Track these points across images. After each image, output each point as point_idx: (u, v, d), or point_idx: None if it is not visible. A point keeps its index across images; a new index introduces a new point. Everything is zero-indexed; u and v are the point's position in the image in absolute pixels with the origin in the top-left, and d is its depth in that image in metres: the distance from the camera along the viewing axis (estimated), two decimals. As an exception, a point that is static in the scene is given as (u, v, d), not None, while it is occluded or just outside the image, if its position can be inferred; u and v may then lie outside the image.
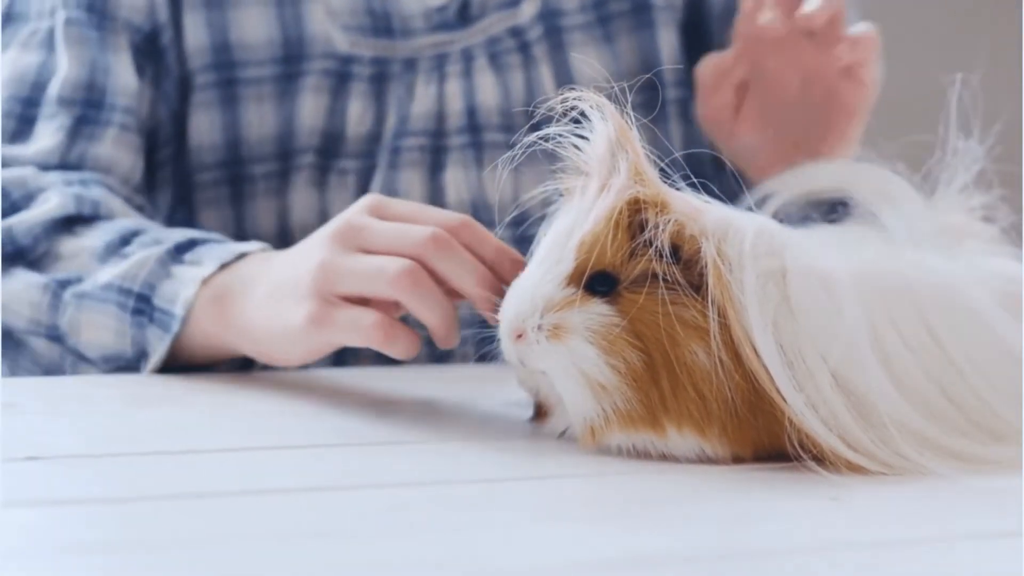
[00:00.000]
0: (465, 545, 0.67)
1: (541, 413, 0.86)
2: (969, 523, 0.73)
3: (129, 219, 1.07)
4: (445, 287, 0.87)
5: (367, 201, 0.92)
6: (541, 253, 0.82)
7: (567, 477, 0.79)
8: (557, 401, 0.83)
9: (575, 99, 0.81)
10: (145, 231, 1.04)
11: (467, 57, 1.18)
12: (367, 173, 1.18)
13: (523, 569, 0.65)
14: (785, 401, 0.78)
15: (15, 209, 1.07)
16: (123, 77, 1.13)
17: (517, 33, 1.19)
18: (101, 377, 1.02)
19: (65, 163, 1.11)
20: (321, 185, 1.17)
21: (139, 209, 1.12)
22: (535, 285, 0.81)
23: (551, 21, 1.20)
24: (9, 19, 1.16)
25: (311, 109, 1.16)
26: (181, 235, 1.03)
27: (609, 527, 0.71)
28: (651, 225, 0.79)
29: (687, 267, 0.80)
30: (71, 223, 1.06)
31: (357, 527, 0.70)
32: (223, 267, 0.99)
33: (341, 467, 0.81)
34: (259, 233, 1.18)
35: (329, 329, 0.90)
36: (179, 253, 1.01)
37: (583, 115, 0.82)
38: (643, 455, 0.81)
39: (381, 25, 1.16)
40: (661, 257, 0.79)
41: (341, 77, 1.16)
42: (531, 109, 0.82)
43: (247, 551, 0.66)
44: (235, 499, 0.74)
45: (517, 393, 0.88)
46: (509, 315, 0.82)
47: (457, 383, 0.90)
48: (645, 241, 0.80)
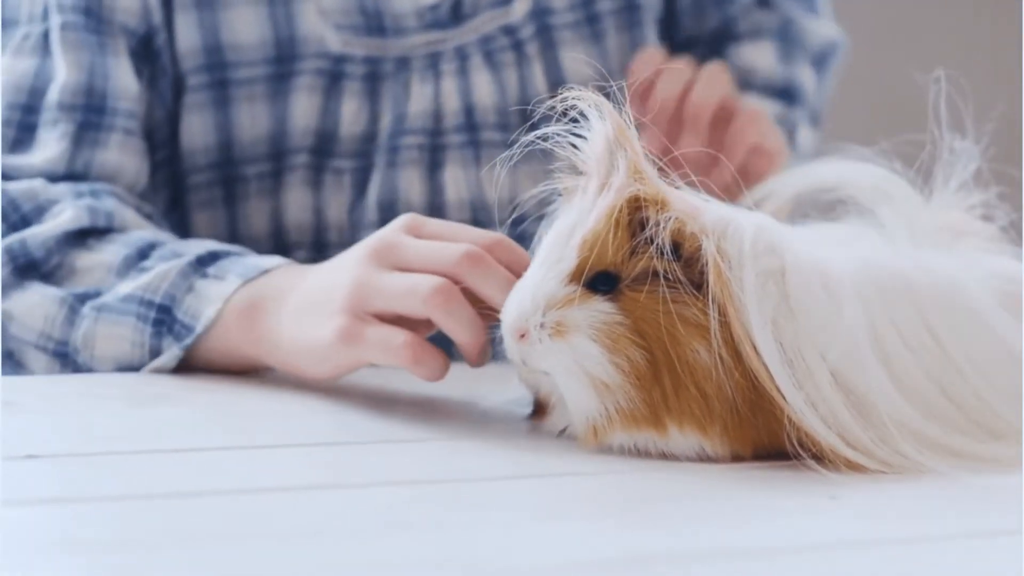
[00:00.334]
0: (465, 544, 0.67)
1: (540, 410, 0.86)
2: (968, 521, 0.73)
3: (144, 231, 1.06)
4: (479, 307, 0.87)
5: (403, 220, 0.92)
6: (543, 252, 0.82)
7: (567, 475, 0.79)
8: (558, 399, 0.84)
9: (573, 98, 0.81)
10: (162, 244, 1.04)
11: (461, 56, 1.18)
12: (363, 172, 1.17)
13: (523, 568, 0.65)
14: (785, 399, 0.78)
15: (26, 222, 1.06)
16: (124, 81, 1.12)
17: (510, 31, 1.19)
18: (100, 376, 1.01)
19: (71, 171, 1.09)
20: (316, 185, 1.17)
21: (148, 217, 1.11)
22: (537, 284, 0.81)
23: (542, 19, 1.20)
24: None
25: (304, 109, 1.16)
26: (201, 247, 1.02)
27: (609, 526, 0.71)
28: (652, 223, 0.79)
29: (688, 265, 0.80)
30: (84, 236, 1.05)
31: (356, 526, 0.70)
32: (247, 282, 0.98)
33: (340, 465, 0.81)
34: (253, 234, 1.17)
35: (359, 346, 0.89)
36: (201, 266, 1.00)
37: (581, 114, 0.82)
38: (643, 453, 0.81)
39: (373, 24, 1.16)
40: (662, 255, 0.79)
41: (334, 76, 1.16)
42: (529, 108, 0.82)
43: (246, 550, 0.66)
44: (234, 498, 0.74)
45: (517, 391, 0.88)
46: (511, 315, 0.82)
47: (457, 381, 0.90)
48: (646, 239, 0.80)
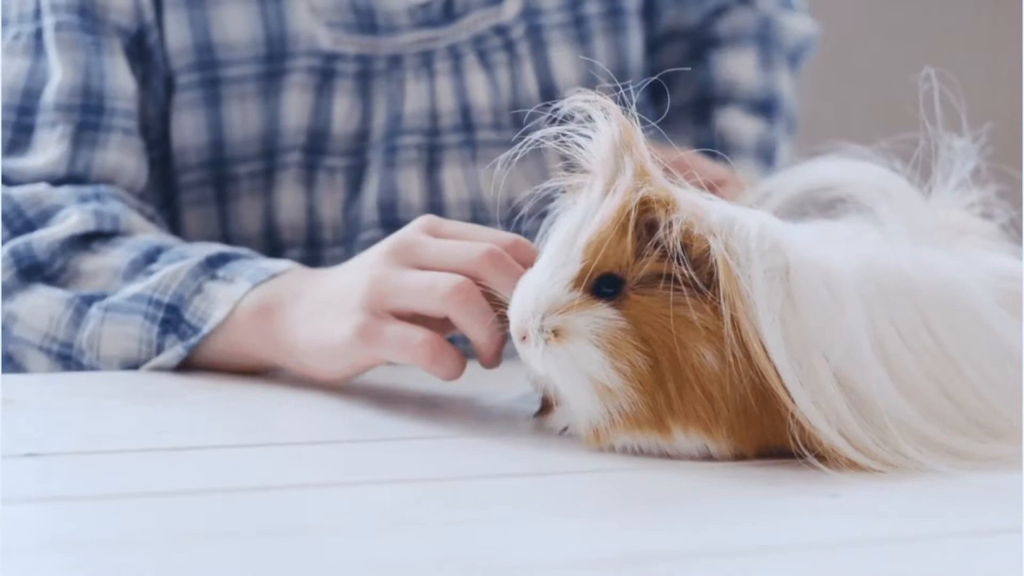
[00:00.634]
0: (467, 542, 0.67)
1: (547, 407, 0.86)
2: (968, 520, 0.73)
3: (149, 235, 1.06)
4: (496, 308, 0.87)
5: (421, 220, 0.92)
6: (547, 253, 0.82)
7: (569, 474, 0.79)
8: (560, 399, 0.83)
9: (580, 101, 0.81)
10: (169, 247, 1.03)
11: (454, 55, 1.18)
12: (358, 171, 1.17)
13: (524, 566, 0.65)
14: (791, 398, 0.78)
15: (30, 227, 1.05)
16: (120, 80, 1.11)
17: (501, 31, 1.19)
18: (100, 374, 1.01)
19: (72, 173, 1.09)
20: (309, 183, 1.17)
21: (150, 219, 1.11)
22: (540, 287, 0.81)
23: (532, 20, 1.20)
24: None
25: (296, 107, 1.15)
26: (210, 249, 1.02)
27: (610, 524, 0.71)
28: (663, 225, 0.79)
29: (695, 266, 0.79)
30: (89, 240, 1.05)
31: (359, 524, 0.70)
32: (256, 285, 0.98)
33: (343, 463, 0.81)
34: (244, 233, 1.17)
35: (376, 344, 0.89)
36: (211, 267, 1.00)
37: (587, 116, 0.82)
38: (645, 453, 0.81)
39: (365, 22, 1.16)
40: (671, 257, 0.79)
41: (326, 74, 1.15)
42: (529, 111, 0.82)
43: (247, 548, 0.66)
44: (235, 496, 0.74)
45: (520, 389, 0.88)
46: (515, 317, 0.82)
47: (462, 379, 0.90)
48: (653, 242, 0.80)
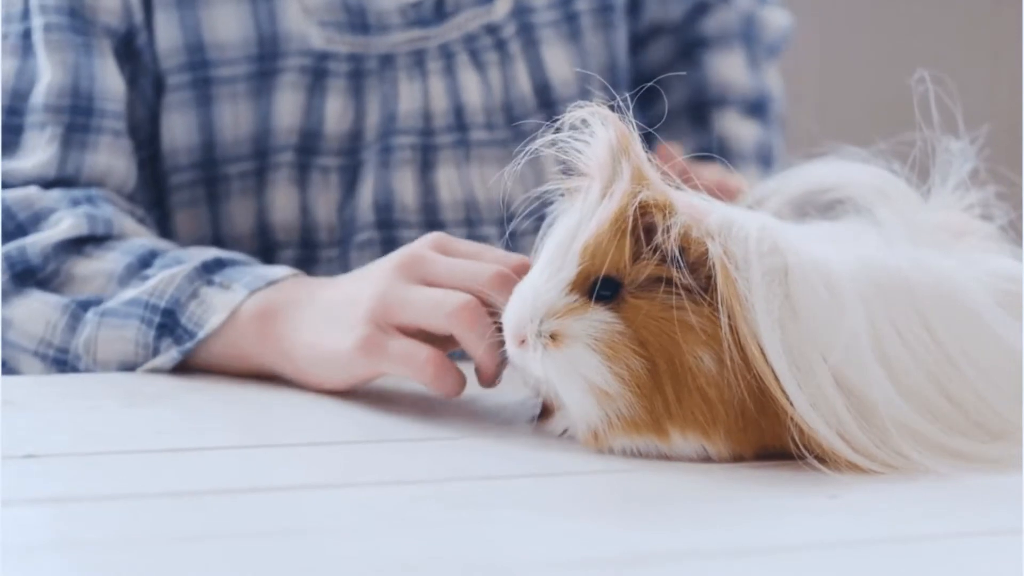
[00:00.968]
0: (466, 542, 0.67)
1: (547, 412, 0.86)
2: (968, 520, 0.73)
3: (143, 238, 1.06)
4: (501, 332, 0.86)
5: (431, 237, 0.92)
6: (544, 257, 0.82)
7: (568, 474, 0.79)
8: (560, 402, 0.83)
9: (579, 112, 0.81)
10: (163, 252, 1.03)
11: (446, 54, 1.18)
12: (351, 171, 1.17)
13: (524, 566, 0.65)
14: (790, 400, 0.78)
15: (22, 231, 1.05)
16: (110, 81, 1.11)
17: (493, 30, 1.19)
18: (100, 375, 1.01)
19: (62, 175, 1.09)
20: (302, 184, 1.17)
21: (140, 222, 1.11)
22: (537, 291, 0.81)
23: (523, 18, 1.20)
24: None
25: (288, 107, 1.15)
26: (206, 254, 1.02)
27: (609, 524, 0.71)
28: (661, 228, 0.79)
29: (694, 269, 0.79)
30: (82, 243, 1.05)
31: (358, 524, 0.70)
32: (253, 292, 0.98)
33: (342, 465, 0.81)
34: (236, 234, 1.17)
35: (379, 357, 0.89)
36: (207, 272, 1.00)
37: (584, 121, 0.82)
38: (644, 454, 0.81)
39: (357, 21, 1.16)
40: (670, 260, 0.79)
41: (317, 74, 1.15)
42: (531, 120, 0.82)
43: (247, 549, 0.66)
44: (234, 497, 0.74)
45: (519, 391, 0.88)
46: (511, 321, 0.82)
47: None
48: (652, 246, 0.80)
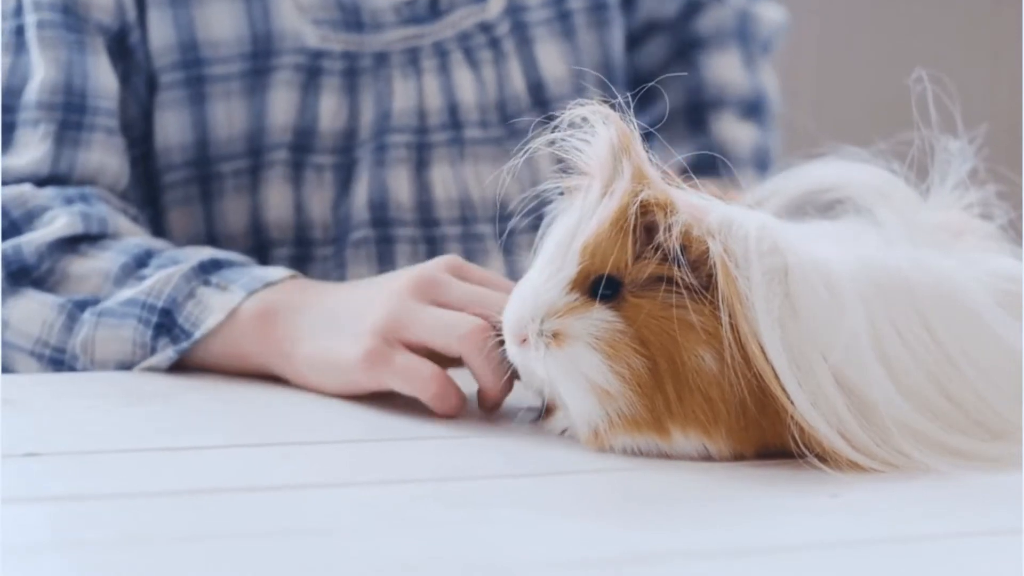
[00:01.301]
0: (466, 542, 0.67)
1: (547, 410, 0.86)
2: (968, 520, 0.73)
3: (138, 238, 1.06)
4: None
5: (446, 260, 0.93)
6: (545, 255, 0.82)
7: (569, 474, 0.79)
8: (560, 401, 0.83)
9: (580, 110, 0.81)
10: (159, 252, 1.03)
11: (440, 52, 1.18)
12: (346, 169, 1.17)
13: (524, 566, 0.65)
14: (790, 399, 0.78)
15: (16, 229, 1.05)
16: (103, 79, 1.11)
17: (487, 28, 1.19)
18: (100, 374, 1.01)
19: (55, 172, 1.09)
20: (296, 181, 1.17)
21: (134, 220, 1.11)
22: (537, 290, 0.81)
23: (516, 16, 1.20)
24: None
25: (282, 105, 1.15)
26: (202, 254, 1.02)
27: (609, 524, 0.71)
28: (663, 227, 0.79)
29: (694, 268, 0.79)
30: (77, 242, 1.05)
31: (358, 523, 0.70)
32: (251, 294, 0.98)
33: (341, 463, 0.81)
34: (230, 232, 1.17)
35: (383, 370, 0.89)
36: (204, 272, 1.00)
37: (584, 119, 0.82)
38: (645, 453, 0.81)
39: (351, 19, 1.16)
40: (669, 259, 0.79)
41: (312, 72, 1.15)
42: (530, 119, 0.82)
43: (247, 548, 0.66)
44: (234, 496, 0.74)
45: (520, 390, 0.88)
46: (512, 319, 0.82)
47: (458, 379, 0.90)
48: (653, 245, 0.80)
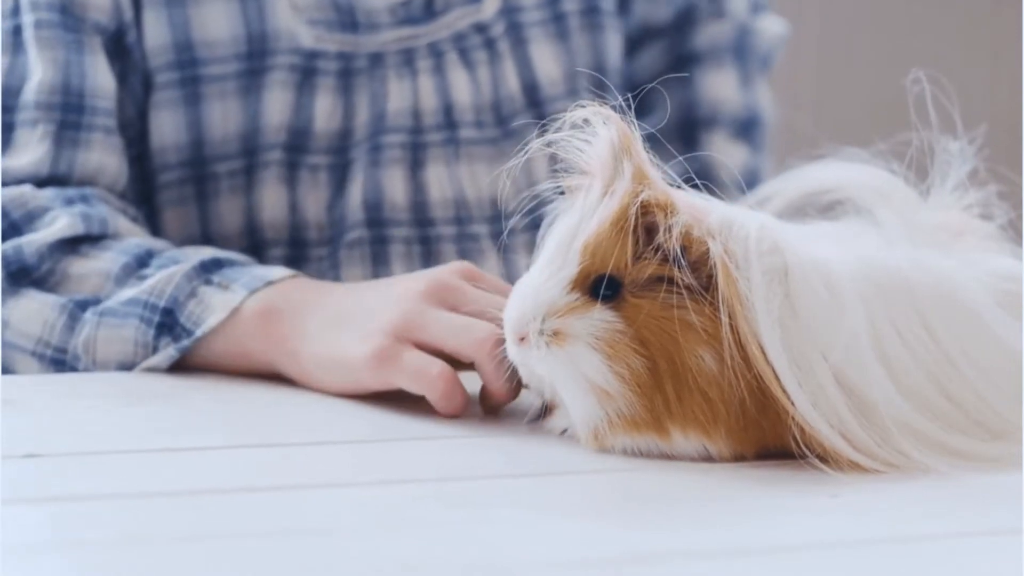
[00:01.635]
0: (466, 542, 0.67)
1: (547, 409, 0.86)
2: (968, 520, 0.73)
3: (139, 238, 1.06)
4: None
5: (459, 266, 0.93)
6: (546, 255, 0.82)
7: (569, 474, 0.79)
8: (559, 401, 0.83)
9: (582, 111, 0.81)
10: (160, 252, 1.03)
11: (435, 53, 1.18)
12: (341, 170, 1.17)
13: (524, 566, 0.65)
14: (790, 400, 0.78)
15: (16, 230, 1.05)
16: (101, 79, 1.11)
17: (482, 29, 1.19)
18: (100, 375, 1.01)
19: (55, 172, 1.09)
20: (291, 182, 1.17)
21: (133, 220, 1.11)
22: (538, 289, 0.81)
23: (511, 17, 1.20)
24: None
25: (277, 105, 1.15)
26: (203, 253, 1.02)
27: (609, 525, 0.71)
28: (663, 228, 0.79)
29: (694, 268, 0.79)
30: (77, 243, 1.05)
31: (357, 523, 0.70)
32: (252, 293, 0.98)
33: (341, 464, 0.81)
34: (225, 232, 1.17)
35: (392, 368, 0.89)
36: (205, 272, 1.00)
37: (584, 120, 0.82)
38: (645, 453, 0.81)
39: (346, 20, 1.16)
40: (672, 260, 0.79)
41: (307, 72, 1.15)
42: (527, 121, 0.82)
43: (247, 548, 0.66)
44: (234, 496, 0.74)
45: (526, 395, 0.88)
46: (512, 318, 0.82)
47: (461, 379, 0.90)
48: (653, 245, 0.80)
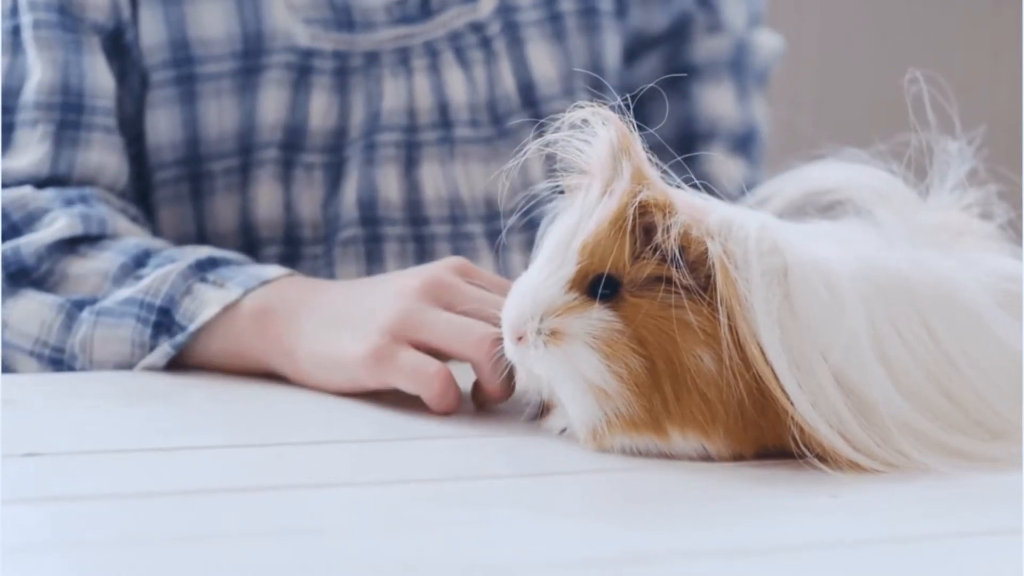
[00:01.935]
0: (467, 542, 0.67)
1: (545, 409, 0.86)
2: (968, 520, 0.73)
3: (137, 238, 1.06)
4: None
5: (454, 262, 0.93)
6: (544, 254, 0.82)
7: (569, 474, 0.79)
8: (557, 400, 0.83)
9: (578, 106, 0.81)
10: (157, 251, 1.04)
11: (431, 51, 1.18)
12: (336, 168, 1.17)
13: (524, 566, 0.65)
14: (790, 400, 0.78)
15: (16, 231, 1.05)
16: (100, 78, 1.11)
17: (478, 28, 1.19)
18: (100, 374, 1.01)
19: (55, 173, 1.09)
20: (286, 180, 1.17)
21: (133, 220, 1.11)
22: (536, 288, 0.81)
23: (508, 16, 1.21)
24: None
25: (273, 104, 1.15)
26: (200, 252, 1.02)
27: (609, 525, 0.71)
28: (662, 228, 0.79)
29: (693, 269, 0.79)
30: (76, 243, 1.05)
31: (357, 523, 0.70)
32: (248, 291, 0.98)
33: (341, 463, 0.81)
34: (220, 230, 1.17)
35: (389, 367, 0.90)
36: (200, 270, 1.00)
37: (584, 120, 0.82)
38: (644, 452, 0.81)
39: (342, 18, 1.16)
40: (670, 260, 0.79)
41: (302, 71, 1.16)
42: (525, 120, 0.82)
43: (246, 548, 0.66)
44: (233, 496, 0.74)
45: (519, 390, 0.88)
46: (511, 316, 0.82)
47: (459, 379, 0.90)
48: (652, 245, 0.80)
